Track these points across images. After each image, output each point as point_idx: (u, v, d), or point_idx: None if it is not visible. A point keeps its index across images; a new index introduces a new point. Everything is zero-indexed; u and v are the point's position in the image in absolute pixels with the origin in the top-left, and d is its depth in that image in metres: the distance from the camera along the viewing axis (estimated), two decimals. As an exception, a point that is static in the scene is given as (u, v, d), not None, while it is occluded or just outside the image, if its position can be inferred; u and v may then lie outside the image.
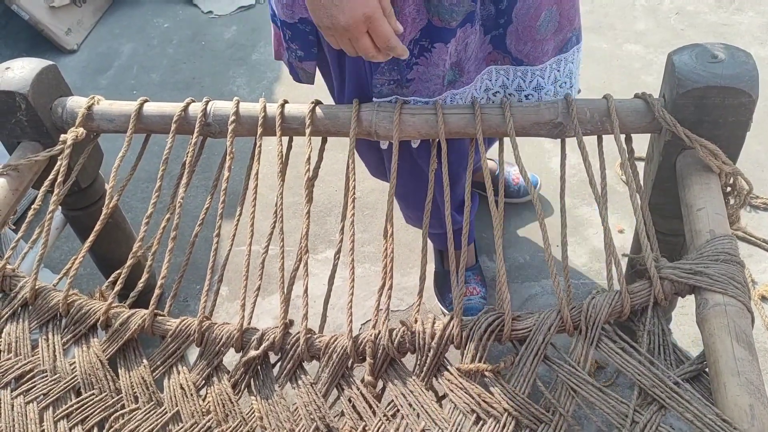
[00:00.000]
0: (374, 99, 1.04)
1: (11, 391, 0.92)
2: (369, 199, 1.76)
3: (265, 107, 1.08)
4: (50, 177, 1.09)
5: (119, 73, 2.38)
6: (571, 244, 1.55)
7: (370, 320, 1.50)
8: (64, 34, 2.53)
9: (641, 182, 0.98)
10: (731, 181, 0.90)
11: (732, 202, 0.92)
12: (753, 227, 1.58)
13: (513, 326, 0.85)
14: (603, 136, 0.99)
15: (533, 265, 1.53)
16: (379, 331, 0.89)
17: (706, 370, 0.74)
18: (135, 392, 0.92)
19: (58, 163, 1.09)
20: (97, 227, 1.06)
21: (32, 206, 1.05)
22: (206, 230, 1.68)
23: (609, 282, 0.85)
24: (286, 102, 1.09)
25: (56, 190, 1.07)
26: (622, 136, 0.97)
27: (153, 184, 1.08)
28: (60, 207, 1.33)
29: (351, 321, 0.91)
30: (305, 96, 2.21)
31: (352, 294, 0.93)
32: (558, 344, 0.84)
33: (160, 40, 2.54)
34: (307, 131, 1.05)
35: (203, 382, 0.93)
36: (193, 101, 1.12)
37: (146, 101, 1.14)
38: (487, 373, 0.83)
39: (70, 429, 0.90)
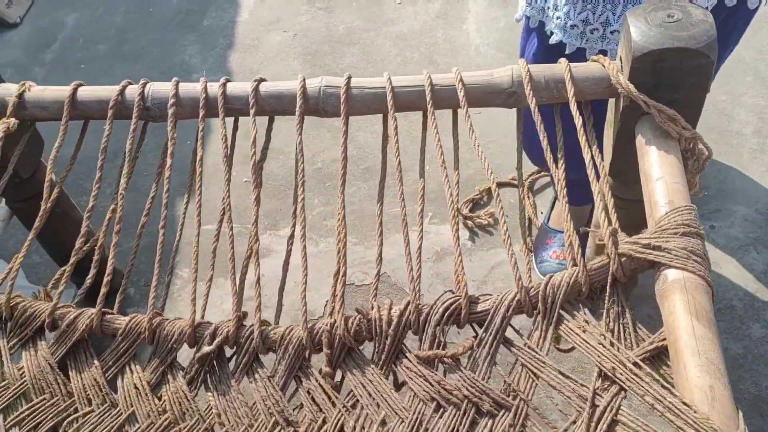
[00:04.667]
0: None
1: (-43, 402, 0.89)
2: (331, 170, 1.72)
3: (206, 87, 1.02)
4: (-17, 173, 1.03)
5: (65, 47, 2.26)
6: (541, 206, 1.52)
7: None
8: (5, 6, 2.39)
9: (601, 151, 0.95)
10: (690, 146, 0.87)
11: (690, 167, 0.89)
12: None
13: (470, 309, 0.82)
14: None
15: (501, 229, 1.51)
16: (335, 320, 0.86)
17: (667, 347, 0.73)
18: (88, 395, 0.89)
19: (-9, 157, 1.03)
20: (37, 224, 1.00)
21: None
22: (171, 210, 1.63)
23: (569, 260, 0.82)
24: (228, 80, 1.03)
25: (-10, 188, 1.01)
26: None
27: (108, 164, 1.02)
28: (3, 199, 1.27)
29: (305, 311, 0.88)
30: (258, 63, 2.15)
31: (306, 284, 0.90)
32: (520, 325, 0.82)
33: (106, 9, 2.42)
34: (252, 111, 1.00)
35: (158, 380, 0.90)
36: (130, 83, 1.06)
37: (80, 85, 1.07)
38: (445, 360, 0.81)
39: (23, 437, 0.87)
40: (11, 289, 0.94)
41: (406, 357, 0.84)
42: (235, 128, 1.05)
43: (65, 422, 0.87)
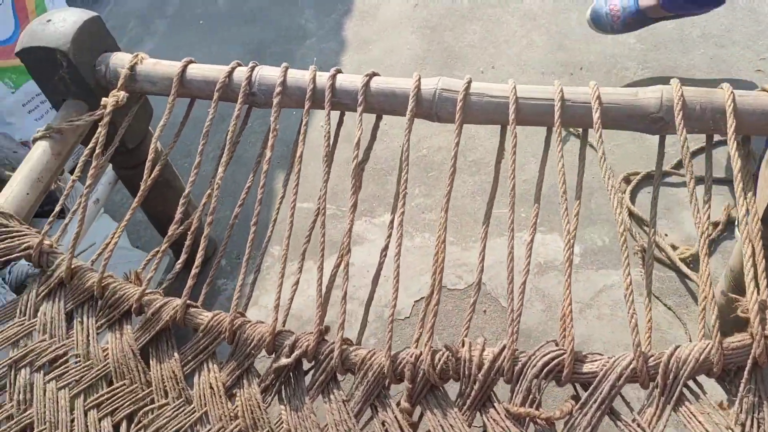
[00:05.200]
0: None
1: (44, 375, 0.91)
2: (435, 158, 1.62)
3: (314, 78, 0.96)
4: (90, 145, 1.03)
5: (186, 1, 2.28)
6: (662, 227, 1.37)
7: (423, 298, 1.41)
8: (135, -43, 2.44)
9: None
10: None
11: None
12: None
13: (575, 368, 0.73)
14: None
15: (612, 250, 1.37)
16: (421, 353, 0.79)
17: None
18: (165, 387, 0.88)
19: (98, 131, 1.03)
20: (135, 204, 0.99)
21: (74, 175, 1.00)
22: (268, 184, 1.62)
23: (700, 331, 0.70)
24: (338, 71, 0.96)
25: (95, 162, 1.01)
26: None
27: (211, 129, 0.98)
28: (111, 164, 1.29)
29: (391, 337, 0.82)
30: (374, 33, 2.07)
31: (395, 306, 0.83)
32: (629, 395, 0.72)
33: (230, -35, 2.41)
34: (359, 109, 0.93)
35: (233, 383, 0.87)
36: (239, 65, 1.02)
37: (190, 62, 1.04)
38: (538, 420, 0.72)
39: (100, 420, 0.87)
40: (104, 269, 0.94)
41: (494, 407, 0.75)
42: (340, 123, 0.99)
43: (141, 411, 0.87)
